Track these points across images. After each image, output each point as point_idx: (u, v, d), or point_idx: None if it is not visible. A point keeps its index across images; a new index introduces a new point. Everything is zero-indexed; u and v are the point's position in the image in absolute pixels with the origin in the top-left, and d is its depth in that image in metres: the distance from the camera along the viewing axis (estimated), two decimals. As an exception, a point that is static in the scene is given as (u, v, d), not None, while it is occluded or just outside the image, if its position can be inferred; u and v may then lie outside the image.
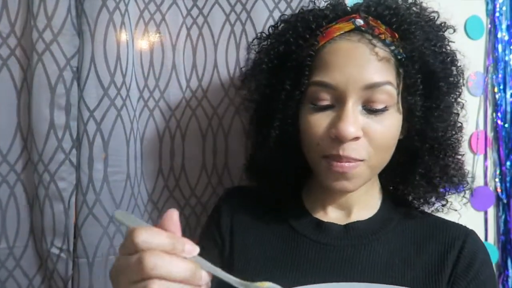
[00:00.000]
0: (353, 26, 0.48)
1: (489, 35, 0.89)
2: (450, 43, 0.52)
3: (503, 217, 0.92)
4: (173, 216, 0.35)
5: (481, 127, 0.90)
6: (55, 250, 0.64)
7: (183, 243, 0.33)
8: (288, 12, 0.69)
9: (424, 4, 0.53)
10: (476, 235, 0.53)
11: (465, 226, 0.54)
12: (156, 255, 0.31)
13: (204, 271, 0.34)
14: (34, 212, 0.64)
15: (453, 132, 0.53)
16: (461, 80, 0.52)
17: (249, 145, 0.70)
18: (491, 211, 0.92)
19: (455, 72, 0.52)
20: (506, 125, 0.90)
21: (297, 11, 0.66)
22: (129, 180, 0.65)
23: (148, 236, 0.32)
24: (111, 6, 0.60)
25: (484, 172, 0.92)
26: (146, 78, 0.68)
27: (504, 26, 0.88)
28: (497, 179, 0.92)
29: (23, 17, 0.61)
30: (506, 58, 0.89)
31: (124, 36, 0.62)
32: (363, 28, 0.48)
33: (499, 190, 0.92)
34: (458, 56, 0.53)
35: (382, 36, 0.47)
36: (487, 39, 0.89)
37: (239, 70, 0.69)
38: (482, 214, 0.92)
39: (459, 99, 0.54)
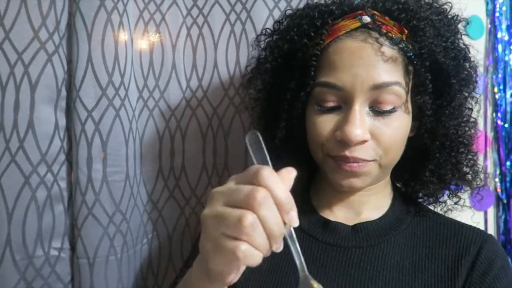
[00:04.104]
0: (359, 24, 0.45)
1: (489, 35, 0.85)
2: (463, 36, 0.49)
3: (503, 217, 0.88)
4: (290, 174, 0.32)
5: (481, 127, 0.86)
6: (54, 252, 0.60)
7: (291, 208, 0.31)
8: (288, 11, 0.65)
9: None
10: (494, 239, 0.49)
11: (482, 230, 0.49)
12: (266, 200, 0.30)
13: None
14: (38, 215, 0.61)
15: (466, 129, 0.49)
16: (474, 75, 0.49)
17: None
18: (491, 211, 0.88)
19: (467, 68, 0.48)
20: (506, 125, 0.86)
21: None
22: (128, 180, 0.62)
23: (274, 180, 0.30)
24: (109, 6, 0.57)
25: (483, 169, 0.87)
26: (146, 78, 0.65)
27: (504, 26, 0.85)
28: (497, 179, 0.87)
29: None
30: (506, 58, 0.85)
31: (122, 36, 0.60)
32: (369, 25, 0.44)
33: (499, 190, 0.88)
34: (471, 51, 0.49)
35: (390, 34, 0.44)
36: (487, 39, 0.86)
37: (239, 70, 0.67)
38: (482, 214, 0.87)
39: (473, 93, 0.49)
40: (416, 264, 0.46)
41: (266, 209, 0.30)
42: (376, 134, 0.43)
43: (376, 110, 0.43)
